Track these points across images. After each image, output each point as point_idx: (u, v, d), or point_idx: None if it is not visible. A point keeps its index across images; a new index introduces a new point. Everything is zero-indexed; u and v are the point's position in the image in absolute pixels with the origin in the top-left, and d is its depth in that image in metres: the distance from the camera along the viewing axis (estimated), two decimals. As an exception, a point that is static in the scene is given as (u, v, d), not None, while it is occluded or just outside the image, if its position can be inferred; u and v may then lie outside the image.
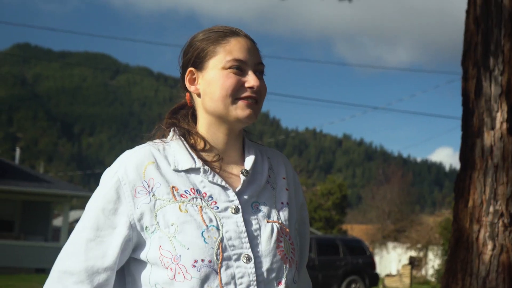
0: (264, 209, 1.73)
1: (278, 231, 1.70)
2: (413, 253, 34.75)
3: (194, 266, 1.58)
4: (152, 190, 1.64)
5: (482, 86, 4.99)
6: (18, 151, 35.67)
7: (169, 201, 1.64)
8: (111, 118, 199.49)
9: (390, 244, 38.56)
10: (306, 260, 1.93)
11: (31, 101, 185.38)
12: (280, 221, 1.73)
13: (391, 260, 37.93)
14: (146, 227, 1.63)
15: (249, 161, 1.77)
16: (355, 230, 45.60)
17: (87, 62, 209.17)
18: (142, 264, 1.67)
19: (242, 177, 1.73)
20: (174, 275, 1.59)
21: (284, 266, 1.68)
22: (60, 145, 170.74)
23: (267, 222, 1.70)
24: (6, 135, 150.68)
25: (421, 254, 34.00)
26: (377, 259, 35.45)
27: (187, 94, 1.82)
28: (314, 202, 42.72)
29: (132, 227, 1.64)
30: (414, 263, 33.44)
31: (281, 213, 1.76)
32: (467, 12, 5.29)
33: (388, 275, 29.33)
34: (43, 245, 24.30)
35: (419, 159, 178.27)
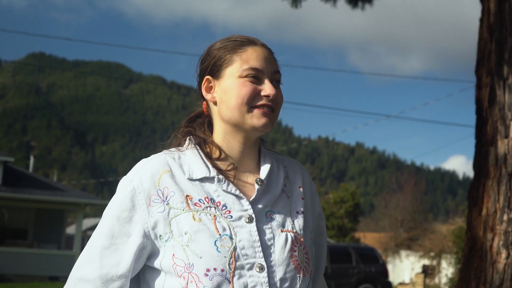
0: (278, 218, 1.72)
1: (292, 241, 1.70)
2: (426, 262, 34.56)
3: (206, 275, 1.58)
4: (166, 199, 1.65)
5: (496, 95, 4.98)
6: (32, 160, 35.86)
7: (183, 210, 1.64)
8: (124, 127, 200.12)
9: (403, 253, 38.38)
10: (323, 269, 1.93)
11: (45, 110, 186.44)
12: (294, 230, 1.73)
13: (404, 268, 37.75)
14: (160, 236, 1.64)
15: (264, 170, 1.77)
16: (368, 238, 45.41)
17: (100, 71, 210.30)
18: (157, 272, 1.68)
19: (257, 186, 1.73)
20: (187, 284, 1.59)
21: (298, 276, 1.68)
22: (73, 154, 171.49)
23: (281, 231, 1.70)
24: (20, 143, 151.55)
25: (434, 262, 33.81)
26: (390, 267, 35.30)
27: (204, 102, 1.83)
28: (326, 210, 42.61)
29: (146, 235, 1.65)
30: (427, 271, 33.25)
31: (296, 222, 1.75)
32: (481, 20, 5.29)
33: (401, 284, 29.20)
34: (56, 253, 24.38)
35: (432, 167, 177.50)
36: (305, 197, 1.84)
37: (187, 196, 1.67)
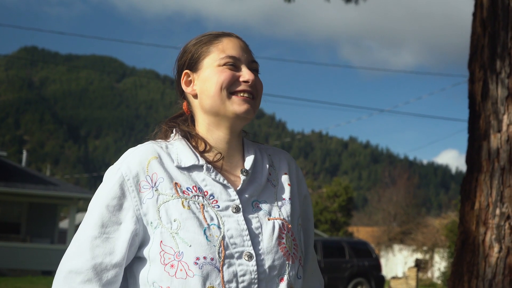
0: (265, 207, 1.74)
1: (280, 228, 1.71)
2: (419, 256, 34.67)
3: (196, 263, 1.58)
4: (155, 185, 1.66)
5: (489, 89, 4.99)
6: (24, 154, 35.73)
7: (172, 196, 1.65)
8: (117, 121, 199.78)
9: (396, 247, 38.50)
10: (312, 255, 1.93)
11: (38, 104, 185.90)
12: (282, 218, 1.74)
13: (397, 262, 37.86)
14: (151, 222, 1.64)
15: (249, 160, 1.78)
16: (361, 232, 45.52)
17: (93, 65, 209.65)
18: (143, 262, 1.67)
19: (242, 177, 1.74)
20: (176, 272, 1.59)
21: (287, 262, 1.69)
22: (66, 148, 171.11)
23: (269, 219, 1.72)
24: (13, 137, 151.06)
25: (427, 256, 33.93)
26: (383, 261, 35.40)
27: (184, 102, 1.84)
28: (320, 205, 42.68)
29: (138, 221, 1.65)
30: (420, 265, 33.34)
31: (282, 209, 1.77)
32: (474, 15, 5.29)
33: (394, 278, 29.26)
34: (49, 247, 24.34)
35: (425, 162, 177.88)
36: (292, 183, 1.84)
37: (176, 183, 1.67)
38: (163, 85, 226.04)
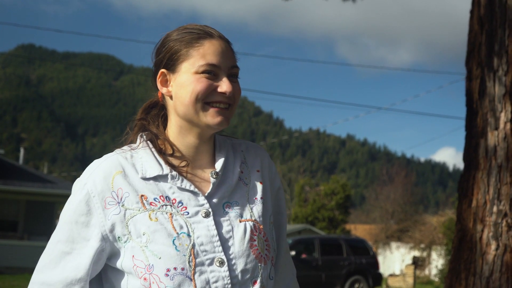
0: (236, 208, 1.72)
1: (251, 230, 1.70)
2: (416, 253, 34.70)
3: (167, 275, 1.58)
4: (121, 200, 1.64)
5: (486, 86, 4.99)
6: (22, 152, 35.71)
7: (139, 210, 1.64)
8: (115, 119, 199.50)
9: (394, 244, 38.51)
10: (285, 248, 1.92)
11: (36, 102, 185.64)
12: (253, 219, 1.73)
13: (394, 260, 37.88)
14: (119, 237, 1.64)
15: (219, 163, 1.75)
16: (359, 230, 45.56)
17: (91, 63, 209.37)
18: (119, 272, 1.68)
19: (212, 180, 1.72)
20: (150, 285, 1.59)
21: (259, 265, 1.68)
22: (64, 146, 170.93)
23: (240, 221, 1.70)
24: (10, 135, 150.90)
25: (425, 254, 33.94)
26: (380, 259, 35.43)
27: (159, 92, 1.80)
28: (317, 202, 42.69)
29: (104, 238, 1.64)
30: (418, 263, 33.39)
31: (254, 209, 1.75)
32: (471, 12, 5.29)
33: (391, 275, 29.29)
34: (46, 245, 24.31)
35: (422, 159, 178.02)
36: (264, 180, 1.83)
37: (142, 196, 1.65)
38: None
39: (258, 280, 1.67)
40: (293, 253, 19.66)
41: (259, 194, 1.78)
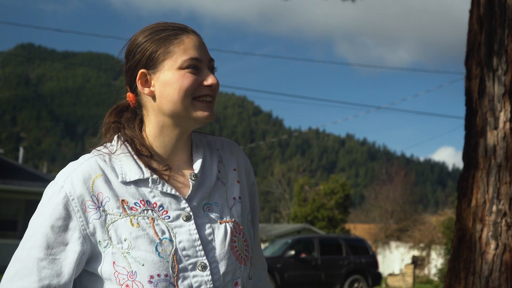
0: (216, 209, 1.71)
1: (231, 231, 1.70)
2: (416, 253, 34.72)
3: (150, 282, 1.57)
4: (101, 204, 1.61)
5: (486, 86, 5.00)
6: (21, 151, 35.72)
7: (120, 215, 1.61)
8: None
9: (393, 244, 38.53)
10: (257, 242, 1.91)
11: (35, 101, 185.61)
12: (233, 219, 1.72)
13: (394, 259, 37.91)
14: (99, 242, 1.60)
15: (197, 164, 1.73)
16: (358, 229, 45.60)
17: (90, 62, 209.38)
18: (97, 278, 1.64)
19: (191, 182, 1.70)
20: None
21: (239, 266, 1.68)
22: (63, 145, 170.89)
23: (220, 223, 1.69)
24: (10, 135, 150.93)
25: (424, 253, 33.96)
26: (380, 258, 35.46)
27: (130, 94, 1.77)
28: (317, 202, 42.72)
29: (85, 241, 1.60)
30: (417, 262, 33.41)
31: (233, 210, 1.74)
32: (471, 12, 5.29)
33: (391, 275, 29.32)
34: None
35: (422, 159, 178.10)
36: (241, 178, 1.82)
37: (122, 200, 1.62)
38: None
39: (239, 282, 1.68)
40: (292, 252, 19.67)
41: (237, 194, 1.78)
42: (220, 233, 1.68)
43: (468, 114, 5.18)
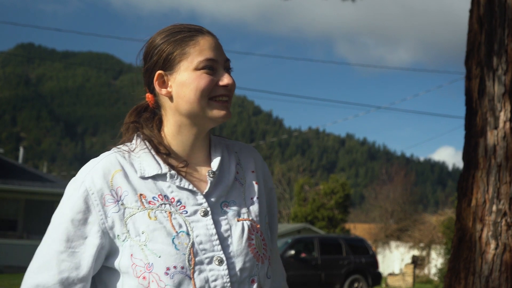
0: (233, 207, 1.73)
1: (249, 229, 1.71)
2: (416, 252, 34.73)
3: (167, 273, 1.58)
4: (120, 198, 1.64)
5: (486, 86, 5.00)
6: (21, 151, 35.72)
7: (138, 208, 1.64)
8: (114, 118, 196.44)
9: (393, 243, 38.54)
10: (276, 250, 1.93)
11: (35, 101, 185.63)
12: (250, 218, 1.74)
13: (394, 259, 37.91)
14: (118, 235, 1.63)
15: (216, 161, 1.76)
16: (358, 229, 45.60)
17: (90, 62, 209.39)
18: (114, 273, 1.67)
19: (209, 179, 1.72)
20: (149, 283, 1.59)
21: (257, 263, 1.69)
22: (63, 145, 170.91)
23: (238, 221, 1.71)
24: (10, 135, 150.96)
25: (424, 253, 33.97)
26: (380, 258, 35.47)
27: (149, 95, 1.80)
28: (317, 201, 42.71)
29: (104, 235, 1.63)
30: (417, 262, 33.41)
31: (251, 209, 1.76)
32: (471, 11, 5.29)
33: (391, 274, 29.31)
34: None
35: (422, 159, 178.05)
36: (259, 181, 1.84)
37: (140, 194, 1.65)
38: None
39: (256, 279, 1.69)
40: (292, 252, 19.68)
41: (255, 194, 1.80)
42: (237, 230, 1.69)
43: (468, 114, 5.18)
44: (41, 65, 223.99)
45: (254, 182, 1.82)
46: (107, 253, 1.66)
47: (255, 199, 1.79)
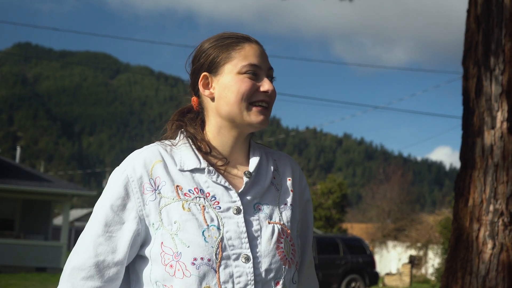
0: (266, 210, 1.77)
1: (279, 232, 1.74)
2: (413, 252, 34.75)
3: (193, 264, 1.62)
4: (158, 188, 1.70)
5: (483, 86, 5.00)
6: (18, 150, 35.64)
7: (173, 199, 1.69)
8: (111, 117, 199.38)
9: (390, 243, 38.55)
10: (309, 260, 1.95)
11: (32, 101, 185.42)
12: (282, 222, 1.77)
13: (391, 259, 37.93)
14: (152, 223, 1.68)
15: (253, 162, 1.81)
16: (355, 229, 45.58)
17: (87, 62, 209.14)
18: (145, 261, 1.72)
19: (245, 179, 1.77)
20: (174, 272, 1.63)
21: (283, 267, 1.72)
22: (60, 144, 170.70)
23: (269, 223, 1.75)
24: (7, 134, 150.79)
25: (421, 253, 34.00)
26: (377, 258, 35.46)
27: (194, 98, 1.86)
28: (314, 201, 42.70)
29: (141, 221, 1.69)
30: (414, 262, 33.44)
31: (283, 214, 1.79)
32: (468, 11, 5.30)
33: (388, 274, 29.33)
34: (43, 244, 24.29)
35: (419, 158, 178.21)
36: (294, 189, 1.87)
37: (177, 186, 1.71)
38: (157, 82, 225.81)
39: (281, 282, 1.71)
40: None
41: (289, 201, 1.83)
42: (267, 231, 1.73)
43: (465, 114, 5.19)
44: (38, 65, 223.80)
45: (289, 189, 1.85)
46: (142, 240, 1.71)
47: (288, 205, 1.82)
